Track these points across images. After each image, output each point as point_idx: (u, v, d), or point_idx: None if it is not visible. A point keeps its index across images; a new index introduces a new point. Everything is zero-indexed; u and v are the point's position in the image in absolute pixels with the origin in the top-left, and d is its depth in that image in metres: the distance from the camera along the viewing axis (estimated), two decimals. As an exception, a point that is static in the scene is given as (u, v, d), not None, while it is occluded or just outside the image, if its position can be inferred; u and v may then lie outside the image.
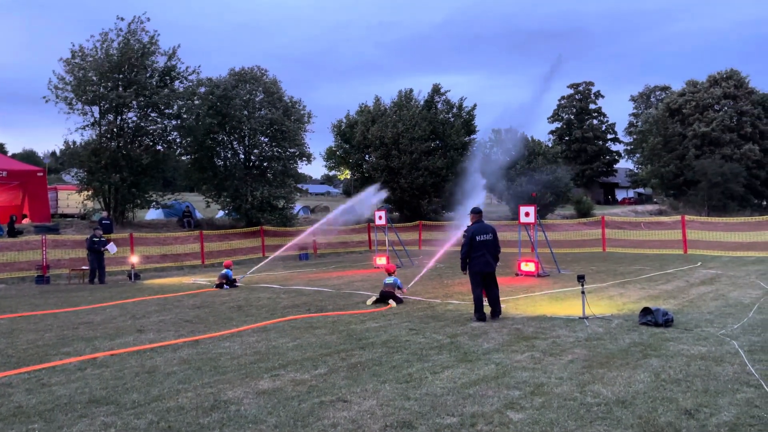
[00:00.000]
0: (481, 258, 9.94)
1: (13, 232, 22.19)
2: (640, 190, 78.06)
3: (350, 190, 48.98)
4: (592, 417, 5.11)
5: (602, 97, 77.91)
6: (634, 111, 76.46)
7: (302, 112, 30.86)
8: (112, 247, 19.64)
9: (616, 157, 77.84)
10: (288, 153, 30.36)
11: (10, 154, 67.73)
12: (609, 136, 77.85)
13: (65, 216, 28.46)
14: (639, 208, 55.82)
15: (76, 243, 21.60)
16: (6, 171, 24.94)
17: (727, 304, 10.92)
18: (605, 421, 5.00)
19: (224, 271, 16.31)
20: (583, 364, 6.89)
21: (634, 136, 66.91)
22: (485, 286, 10.03)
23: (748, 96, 51.04)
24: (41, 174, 26.52)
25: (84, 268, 19.60)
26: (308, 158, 31.19)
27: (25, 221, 24.92)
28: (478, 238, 9.97)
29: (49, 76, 25.82)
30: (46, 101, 24.82)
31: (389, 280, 12.42)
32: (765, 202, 57.37)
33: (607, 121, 77.98)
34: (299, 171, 32.40)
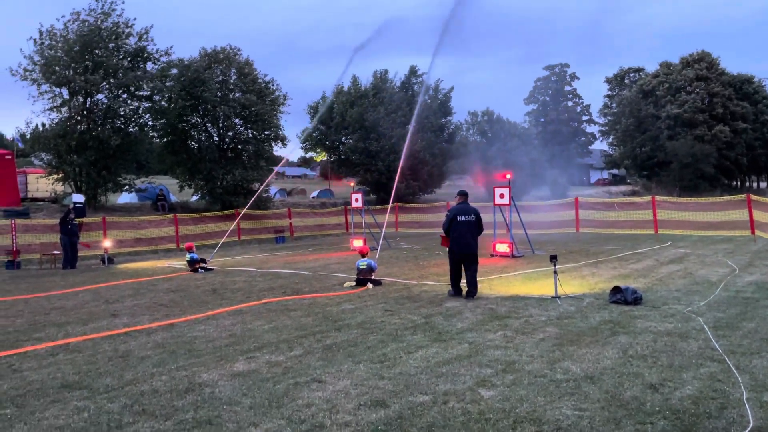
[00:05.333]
0: (461, 239, 10.22)
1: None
2: (615, 171, 79.05)
3: (327, 172, 48.80)
4: (560, 393, 5.24)
5: (577, 78, 78.33)
6: (609, 93, 77.13)
7: (277, 93, 30.49)
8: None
9: (591, 139, 78.53)
10: (263, 135, 30.05)
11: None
12: (584, 118, 78.46)
13: (35, 200, 27.91)
14: (613, 188, 56.61)
15: (47, 227, 21.24)
16: (-29, 154, 24.38)
17: (695, 282, 11.20)
18: (573, 397, 5.13)
19: (188, 255, 16.11)
20: (554, 342, 7.03)
21: (609, 118, 67.52)
22: (465, 265, 10.29)
23: (719, 77, 51.78)
24: (9, 157, 25.91)
25: (56, 252, 19.29)
26: (282, 141, 30.92)
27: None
28: (459, 217, 10.27)
29: (15, 56, 25.00)
30: (14, 75, 24.25)
31: (362, 263, 12.20)
32: (735, 182, 58.63)
33: (582, 102, 78.53)
34: (275, 153, 32.07)
